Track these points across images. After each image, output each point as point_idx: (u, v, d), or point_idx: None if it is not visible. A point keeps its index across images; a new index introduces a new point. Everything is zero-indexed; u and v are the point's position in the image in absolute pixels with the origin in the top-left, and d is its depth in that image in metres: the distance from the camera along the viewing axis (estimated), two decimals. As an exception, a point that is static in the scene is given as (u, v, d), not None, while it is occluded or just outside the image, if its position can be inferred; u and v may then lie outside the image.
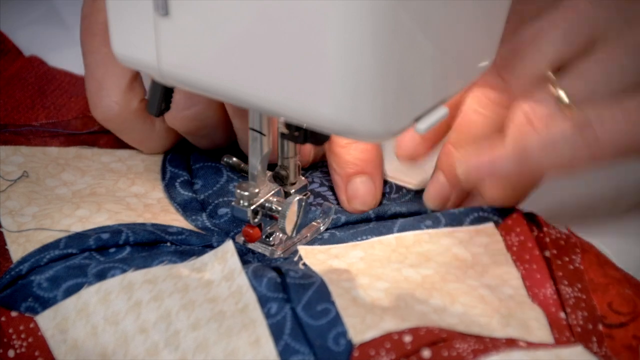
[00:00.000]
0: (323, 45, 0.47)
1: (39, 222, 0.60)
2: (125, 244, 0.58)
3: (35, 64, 0.78)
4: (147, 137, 0.69)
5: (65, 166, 0.67)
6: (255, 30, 0.49)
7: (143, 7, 0.52)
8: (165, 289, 0.54)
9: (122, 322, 0.53)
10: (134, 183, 0.66)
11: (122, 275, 0.55)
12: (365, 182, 0.64)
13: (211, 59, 0.51)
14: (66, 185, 0.65)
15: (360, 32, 0.47)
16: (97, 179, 0.66)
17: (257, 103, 0.52)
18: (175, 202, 0.65)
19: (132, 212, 0.62)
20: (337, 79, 0.48)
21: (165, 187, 0.66)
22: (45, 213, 0.61)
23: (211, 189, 0.66)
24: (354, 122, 0.49)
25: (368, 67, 0.48)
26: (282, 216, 0.59)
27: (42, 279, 0.56)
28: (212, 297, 0.54)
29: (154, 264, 0.56)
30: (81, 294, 0.55)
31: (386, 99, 0.49)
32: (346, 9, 0.46)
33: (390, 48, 0.47)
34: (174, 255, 0.57)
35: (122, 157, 0.69)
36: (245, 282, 0.54)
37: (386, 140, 0.51)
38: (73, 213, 0.61)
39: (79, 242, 0.58)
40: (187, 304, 0.53)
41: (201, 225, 0.63)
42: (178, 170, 0.68)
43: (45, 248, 0.58)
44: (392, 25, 0.47)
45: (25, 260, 0.57)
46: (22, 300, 0.55)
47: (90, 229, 0.59)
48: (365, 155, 0.64)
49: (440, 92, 0.53)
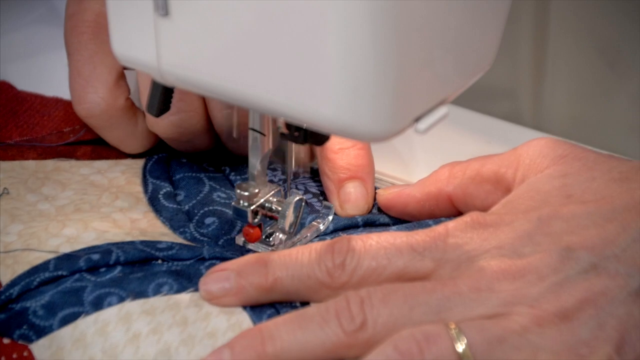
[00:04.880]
0: (323, 45, 0.47)
1: (25, 242, 0.59)
2: (115, 264, 0.58)
3: (5, 88, 0.77)
4: (129, 135, 0.69)
5: (45, 180, 0.66)
6: (256, 30, 0.49)
7: (143, 7, 0.52)
8: (163, 321, 0.54)
9: (120, 356, 0.53)
10: (117, 197, 0.65)
11: (119, 305, 0.54)
12: (358, 187, 0.65)
13: (211, 59, 0.51)
14: (48, 200, 0.64)
15: (360, 32, 0.47)
16: (80, 193, 0.65)
17: (257, 103, 0.52)
18: (161, 215, 0.64)
19: (120, 229, 0.61)
20: (337, 79, 0.48)
21: (150, 201, 0.65)
22: (31, 232, 0.60)
23: (195, 199, 0.65)
24: (354, 122, 0.49)
25: (368, 67, 0.48)
26: (282, 216, 0.60)
27: (38, 306, 0.55)
28: (211, 331, 0.53)
29: (150, 289, 0.55)
30: (78, 324, 0.54)
31: (386, 99, 0.49)
32: (346, 9, 0.46)
33: (390, 48, 0.47)
34: (170, 277, 0.56)
35: (101, 169, 0.68)
36: (246, 317, 0.54)
37: (386, 140, 0.51)
38: (60, 232, 0.60)
39: (69, 263, 0.57)
40: (186, 339, 0.53)
41: (190, 237, 0.63)
42: (159, 181, 0.67)
43: (35, 270, 0.57)
44: (392, 26, 0.47)
45: (15, 284, 0.56)
46: (16, 328, 0.54)
47: (79, 249, 0.59)
48: (357, 160, 0.65)
49: (440, 92, 0.53)
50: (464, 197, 0.63)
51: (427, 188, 0.63)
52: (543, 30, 0.85)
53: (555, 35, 0.85)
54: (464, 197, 0.62)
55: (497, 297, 0.52)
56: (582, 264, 0.53)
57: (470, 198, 0.62)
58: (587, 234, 0.54)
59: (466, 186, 0.62)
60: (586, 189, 0.57)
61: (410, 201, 0.64)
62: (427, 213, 0.64)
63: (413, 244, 0.55)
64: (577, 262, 0.53)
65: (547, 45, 0.86)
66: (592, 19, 0.84)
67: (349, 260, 0.55)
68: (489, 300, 0.52)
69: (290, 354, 0.51)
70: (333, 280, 0.55)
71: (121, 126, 0.68)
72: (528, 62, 0.87)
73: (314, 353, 0.51)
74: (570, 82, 0.87)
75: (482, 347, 0.50)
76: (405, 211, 0.64)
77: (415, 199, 0.64)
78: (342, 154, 0.65)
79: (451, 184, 0.63)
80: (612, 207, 0.55)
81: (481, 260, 0.54)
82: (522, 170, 0.60)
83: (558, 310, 0.51)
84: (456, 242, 0.55)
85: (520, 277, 0.52)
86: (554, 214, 0.55)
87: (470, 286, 0.52)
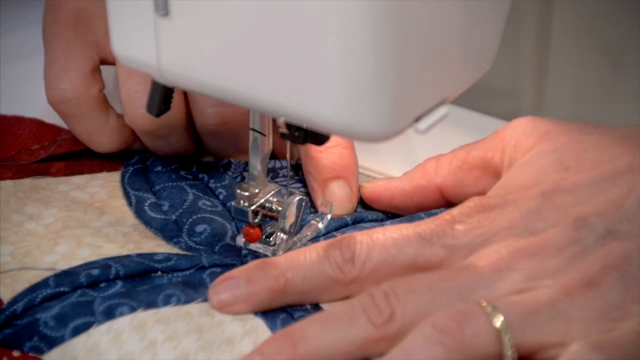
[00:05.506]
0: (323, 45, 0.47)
1: (20, 261, 0.59)
2: (115, 278, 0.57)
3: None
4: (99, 129, 0.68)
5: (26, 199, 0.65)
6: (256, 30, 0.49)
7: (143, 8, 0.52)
8: (179, 329, 0.53)
9: None
10: (103, 212, 0.64)
11: (131, 315, 0.54)
12: (342, 186, 0.65)
13: (211, 59, 0.51)
14: (33, 220, 0.63)
15: (360, 32, 0.47)
16: (64, 210, 0.64)
17: (257, 103, 0.52)
18: (151, 227, 0.63)
19: (114, 244, 0.61)
20: (337, 79, 0.48)
21: (136, 213, 0.65)
22: (23, 251, 0.60)
23: (180, 208, 0.65)
24: (354, 122, 0.49)
25: (368, 67, 0.48)
26: (282, 216, 0.60)
27: (48, 317, 0.54)
28: (228, 337, 0.53)
29: (159, 299, 0.55)
30: (90, 333, 0.53)
31: (386, 99, 0.49)
32: (346, 9, 0.46)
33: (390, 48, 0.47)
34: (176, 289, 0.56)
35: (79, 184, 0.67)
36: (261, 323, 0.54)
37: (386, 140, 0.51)
38: (53, 249, 0.60)
39: (70, 279, 0.57)
40: (204, 346, 0.52)
41: (185, 246, 0.62)
42: (141, 193, 0.66)
43: (35, 287, 0.56)
44: (392, 26, 0.47)
45: (17, 300, 0.55)
46: (27, 339, 0.54)
47: (76, 265, 0.58)
48: (342, 160, 0.65)
49: (440, 92, 0.53)
50: (454, 187, 0.63)
51: (415, 181, 0.64)
52: (545, 30, 0.85)
53: (557, 35, 0.85)
54: (455, 186, 0.63)
55: (519, 274, 0.53)
56: (597, 230, 0.53)
57: (460, 187, 0.63)
58: (595, 202, 0.54)
59: (455, 175, 0.63)
60: (581, 159, 0.57)
61: (398, 193, 0.64)
62: (415, 205, 0.64)
63: (421, 233, 0.55)
64: (591, 230, 0.53)
65: (549, 45, 0.86)
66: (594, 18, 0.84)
67: (358, 253, 0.55)
68: (512, 278, 0.52)
69: (322, 353, 0.51)
70: (344, 275, 0.55)
71: (92, 118, 0.68)
72: (530, 62, 0.87)
73: (345, 350, 0.51)
74: (572, 82, 0.87)
75: (517, 321, 0.50)
76: (391, 203, 0.64)
77: (404, 191, 0.64)
78: (326, 153, 0.65)
79: (440, 175, 0.63)
80: (615, 171, 0.56)
81: (494, 242, 0.54)
82: (509, 152, 0.61)
83: (583, 278, 0.52)
84: (465, 227, 0.55)
85: (538, 253, 0.53)
86: (556, 188, 0.56)
87: (490, 268, 0.53)
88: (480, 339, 0.50)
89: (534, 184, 0.57)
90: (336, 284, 0.55)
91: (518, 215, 0.55)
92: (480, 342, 0.50)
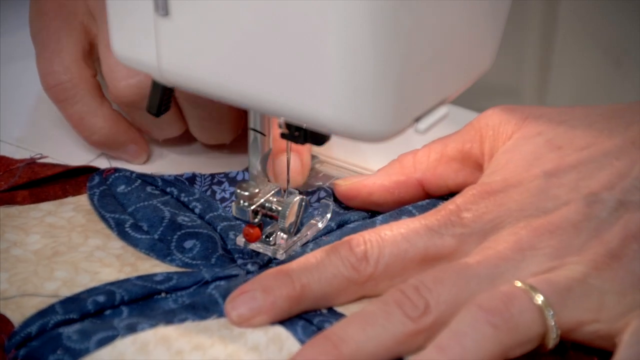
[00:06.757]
0: (323, 46, 0.47)
1: (20, 288, 0.58)
2: (120, 304, 0.57)
3: None
4: (90, 113, 0.68)
5: (3, 227, 0.64)
6: (256, 30, 0.49)
7: (143, 8, 0.52)
8: (203, 340, 0.53)
9: None
10: (87, 236, 0.63)
11: (153, 330, 0.53)
12: (292, 159, 0.64)
13: (211, 59, 0.51)
14: (17, 246, 0.62)
15: (360, 32, 0.47)
16: (47, 236, 0.63)
17: (258, 103, 0.52)
18: (141, 248, 0.62)
19: (110, 268, 0.60)
20: (337, 79, 0.48)
21: (120, 236, 0.63)
22: (20, 278, 0.59)
23: (161, 226, 0.63)
24: (354, 122, 0.49)
25: (368, 67, 0.48)
26: (282, 216, 0.60)
27: (71, 331, 0.54)
28: (253, 346, 0.53)
29: (175, 321, 0.55)
30: (116, 344, 0.53)
31: (386, 99, 0.49)
32: (346, 9, 0.46)
33: (390, 48, 0.47)
34: (188, 312, 0.55)
35: (50, 210, 0.66)
36: (282, 330, 0.54)
37: (386, 140, 0.51)
38: (52, 276, 0.59)
39: (76, 306, 0.56)
40: (232, 353, 0.52)
41: (181, 263, 0.61)
42: (117, 214, 0.64)
43: (45, 313, 0.55)
44: (392, 26, 0.47)
45: (29, 324, 0.55)
46: (50, 353, 0.53)
47: (79, 292, 0.57)
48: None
49: (440, 92, 0.53)
50: (435, 180, 0.62)
51: (395, 176, 0.63)
52: (548, 29, 0.85)
53: (560, 35, 0.85)
54: (435, 179, 0.62)
55: (543, 253, 0.53)
56: (610, 204, 0.54)
57: (441, 179, 0.62)
58: (600, 176, 0.55)
59: (434, 169, 0.62)
60: (572, 137, 0.58)
61: (377, 189, 0.63)
62: (395, 200, 0.63)
63: (429, 225, 0.55)
64: (604, 204, 0.54)
65: (552, 44, 0.86)
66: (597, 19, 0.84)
67: (370, 251, 0.55)
68: (536, 257, 0.53)
69: (365, 351, 0.51)
70: (360, 274, 0.55)
71: (84, 99, 0.68)
72: (532, 62, 0.88)
73: (387, 346, 0.51)
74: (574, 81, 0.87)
75: (555, 297, 0.51)
76: (369, 199, 0.64)
77: (383, 187, 0.63)
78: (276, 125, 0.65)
79: (419, 170, 0.63)
80: (614, 144, 0.56)
81: (508, 225, 0.55)
82: (489, 142, 0.61)
83: (606, 252, 0.52)
84: (473, 214, 0.55)
85: (556, 231, 0.53)
86: (558, 167, 0.56)
87: (512, 250, 0.53)
88: (526, 317, 0.50)
89: (531, 166, 0.57)
90: (352, 284, 0.55)
91: (526, 196, 0.55)
92: (526, 320, 0.50)
